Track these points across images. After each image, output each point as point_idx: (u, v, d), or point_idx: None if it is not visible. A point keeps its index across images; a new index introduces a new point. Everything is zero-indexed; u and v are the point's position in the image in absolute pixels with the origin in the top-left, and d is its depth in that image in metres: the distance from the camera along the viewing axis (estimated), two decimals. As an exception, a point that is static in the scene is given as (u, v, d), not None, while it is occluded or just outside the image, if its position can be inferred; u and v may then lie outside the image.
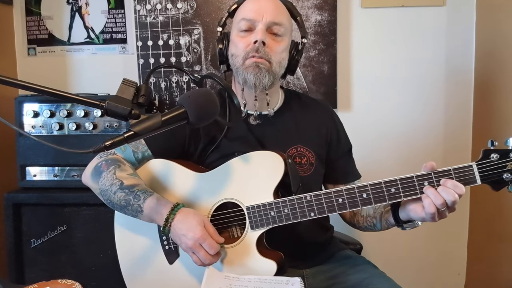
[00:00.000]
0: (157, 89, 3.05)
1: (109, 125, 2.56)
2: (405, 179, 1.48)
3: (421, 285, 3.12)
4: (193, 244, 1.51)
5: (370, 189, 1.51)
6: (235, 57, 1.77)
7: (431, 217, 1.45)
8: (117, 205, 1.66)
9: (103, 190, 1.69)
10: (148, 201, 1.60)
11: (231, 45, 1.81)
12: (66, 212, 2.57)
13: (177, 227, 1.54)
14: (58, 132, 2.58)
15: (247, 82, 1.74)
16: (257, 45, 1.71)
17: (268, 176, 1.62)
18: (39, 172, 2.62)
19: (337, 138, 1.93)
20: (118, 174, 1.68)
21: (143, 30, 3.00)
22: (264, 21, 1.72)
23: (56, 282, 1.33)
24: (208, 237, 1.51)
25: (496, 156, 1.42)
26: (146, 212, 1.60)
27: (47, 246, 2.60)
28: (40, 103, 2.58)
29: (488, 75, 2.77)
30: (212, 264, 1.54)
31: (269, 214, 1.59)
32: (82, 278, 1.53)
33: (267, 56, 1.72)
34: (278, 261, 1.60)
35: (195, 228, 1.51)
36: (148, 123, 1.27)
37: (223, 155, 1.76)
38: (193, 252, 1.53)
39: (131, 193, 1.62)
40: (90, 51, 3.12)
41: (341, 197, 1.53)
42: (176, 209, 1.57)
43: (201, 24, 2.98)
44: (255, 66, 1.71)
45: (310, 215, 1.56)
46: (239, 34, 1.77)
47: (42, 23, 3.11)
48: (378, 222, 1.74)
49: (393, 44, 2.96)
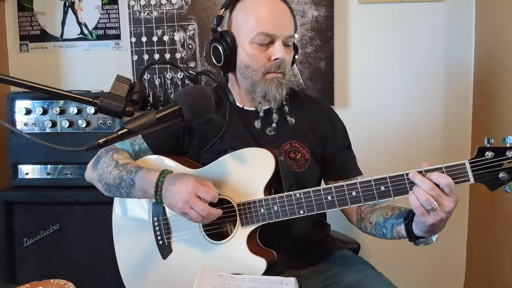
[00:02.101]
0: (151, 86, 3.05)
1: (103, 123, 2.56)
2: (395, 177, 1.48)
3: (420, 284, 3.13)
4: (188, 196, 1.49)
5: (359, 187, 1.51)
6: (252, 71, 1.77)
7: (420, 214, 1.39)
8: (113, 185, 1.68)
9: (100, 174, 1.73)
10: (139, 173, 1.62)
11: (245, 55, 1.77)
12: (59, 211, 2.57)
13: (168, 188, 1.54)
14: (51, 130, 2.58)
15: (267, 96, 1.76)
16: (279, 62, 1.74)
17: (259, 173, 1.64)
18: (31, 170, 2.62)
19: (333, 135, 1.93)
20: (115, 156, 1.74)
21: (137, 26, 3.00)
22: (282, 36, 1.74)
23: (49, 282, 1.33)
24: (201, 186, 1.51)
25: (491, 154, 1.39)
26: (138, 184, 1.62)
27: (39, 245, 2.60)
28: (33, 100, 2.58)
29: (488, 72, 2.77)
30: (213, 216, 1.55)
31: (259, 211, 1.60)
32: (75, 277, 1.53)
33: (284, 70, 1.77)
34: (268, 259, 1.61)
35: (187, 182, 1.52)
36: (142, 121, 1.27)
37: (218, 151, 1.77)
38: (191, 207, 1.51)
39: (124, 169, 1.66)
40: (83, 47, 3.12)
41: (330, 195, 1.54)
42: (164, 173, 1.58)
43: (196, 20, 2.98)
44: (277, 82, 1.75)
45: (299, 213, 1.57)
46: (258, 48, 1.75)
47: (35, 19, 3.10)
48: (389, 232, 1.68)
49: (391, 40, 2.96)
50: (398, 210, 1.65)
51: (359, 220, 1.84)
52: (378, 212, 1.71)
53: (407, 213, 1.57)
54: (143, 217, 1.77)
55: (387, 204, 1.73)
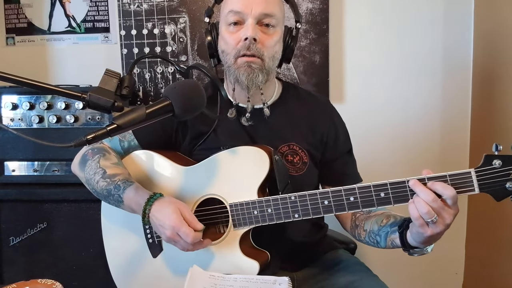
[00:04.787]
0: (141, 80, 3.05)
1: (91, 118, 2.55)
2: (396, 184, 1.42)
3: (419, 284, 3.14)
4: (170, 234, 1.49)
5: (358, 192, 1.47)
6: (226, 55, 1.72)
7: (419, 225, 1.36)
8: (100, 194, 1.69)
9: (88, 179, 1.72)
10: (127, 191, 1.61)
11: (221, 40, 1.76)
12: (46, 208, 2.57)
13: (155, 217, 1.54)
14: (38, 125, 2.57)
15: (239, 82, 1.69)
16: (248, 43, 1.65)
17: (253, 173, 1.62)
18: (18, 167, 2.61)
19: (334, 139, 1.88)
20: (102, 163, 1.70)
21: (127, 18, 3.00)
22: (253, 14, 1.65)
23: (36, 282, 1.33)
24: (183, 225, 1.48)
25: (499, 162, 1.33)
26: (126, 202, 1.62)
27: (26, 244, 2.59)
28: (19, 95, 2.57)
29: (487, 65, 2.77)
30: (202, 247, 1.54)
31: (252, 212, 1.58)
32: (63, 277, 1.53)
33: (259, 53, 1.67)
34: (262, 261, 1.60)
35: (170, 216, 1.49)
36: (131, 116, 1.27)
37: (211, 148, 1.76)
38: (175, 241, 1.52)
39: (112, 183, 1.64)
40: (71, 41, 3.11)
41: (327, 199, 1.50)
42: (152, 199, 1.57)
43: (187, 12, 2.98)
44: (247, 66, 1.66)
45: (294, 216, 1.54)
46: (228, 28, 1.71)
47: (21, 11, 3.09)
48: (383, 241, 1.64)
49: (388, 33, 2.96)
50: (393, 218, 1.62)
51: (353, 228, 1.81)
52: (372, 219, 1.68)
53: (402, 221, 1.54)
54: (131, 215, 1.77)
55: (383, 211, 1.69)
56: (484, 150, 1.38)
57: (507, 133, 2.43)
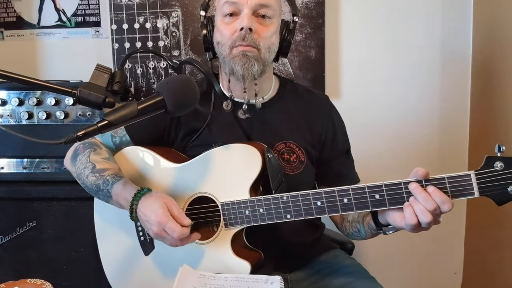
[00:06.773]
0: (133, 76, 3.04)
1: (82, 114, 2.54)
2: (391, 185, 1.40)
3: (417, 284, 3.15)
4: (157, 229, 1.48)
5: (352, 193, 1.45)
6: (221, 46, 1.74)
7: (411, 229, 1.38)
8: (90, 189, 1.69)
9: (78, 173, 1.73)
10: (115, 186, 1.61)
11: (216, 32, 1.77)
12: (36, 207, 2.56)
13: (142, 213, 1.53)
14: (27, 122, 2.56)
15: (234, 72, 1.70)
16: (244, 33, 1.66)
17: (245, 171, 1.61)
18: (6, 164, 2.61)
19: (332, 138, 1.89)
20: (92, 157, 1.71)
21: (118, 12, 2.99)
22: (249, 4, 1.66)
23: (25, 282, 1.33)
24: (170, 220, 1.47)
25: (501, 165, 1.29)
26: (115, 198, 1.61)
27: (15, 243, 2.58)
28: (8, 91, 2.56)
29: (487, 59, 2.76)
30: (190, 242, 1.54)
31: (243, 212, 1.57)
32: (52, 277, 1.53)
33: (255, 43, 1.68)
34: (254, 261, 1.60)
35: (157, 212, 1.48)
36: (123, 112, 1.27)
37: (205, 144, 1.76)
38: (163, 237, 1.51)
39: (101, 177, 1.64)
40: (62, 35, 3.11)
41: (320, 200, 1.49)
42: (139, 194, 1.56)
43: (180, 6, 2.97)
44: (242, 56, 1.67)
45: (286, 217, 1.53)
46: (224, 20, 1.72)
47: (10, 5, 3.08)
48: (362, 227, 1.67)
49: (385, 27, 2.96)
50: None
51: (341, 222, 1.83)
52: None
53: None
54: (124, 212, 1.76)
55: None
56: (483, 145, 1.37)
57: (507, 129, 2.43)
